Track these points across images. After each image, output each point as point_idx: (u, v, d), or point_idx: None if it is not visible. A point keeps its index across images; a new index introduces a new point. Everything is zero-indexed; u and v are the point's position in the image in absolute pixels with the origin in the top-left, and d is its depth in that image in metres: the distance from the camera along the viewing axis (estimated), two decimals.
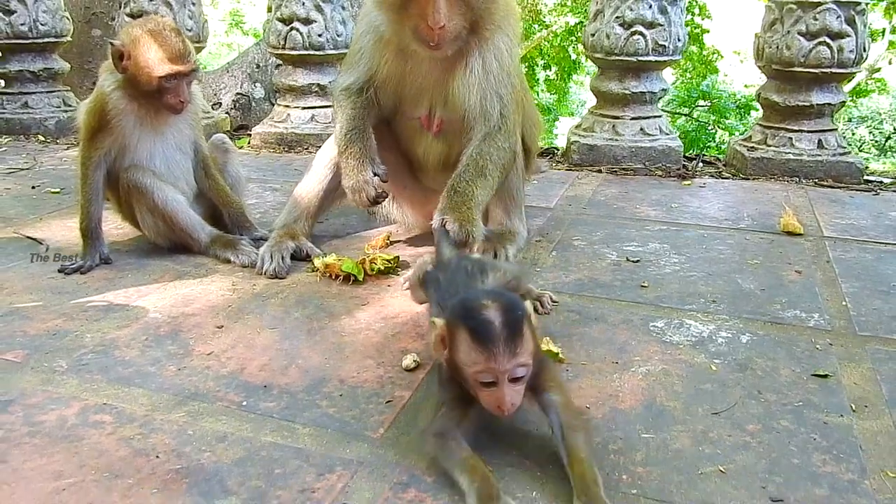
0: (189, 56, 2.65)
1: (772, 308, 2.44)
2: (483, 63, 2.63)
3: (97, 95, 2.71)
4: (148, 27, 2.61)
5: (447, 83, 2.68)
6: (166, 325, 2.28)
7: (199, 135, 2.94)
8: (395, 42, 2.66)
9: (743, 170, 4.28)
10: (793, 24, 4.08)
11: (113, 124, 2.68)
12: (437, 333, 1.66)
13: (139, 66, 2.59)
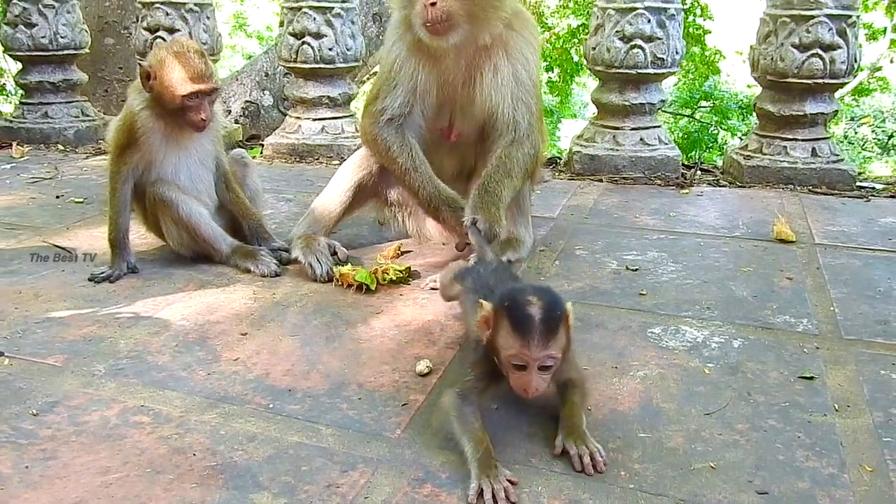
0: (211, 76, 2.82)
1: (763, 314, 2.59)
2: (512, 71, 2.81)
3: (126, 114, 2.88)
4: (173, 49, 2.79)
5: (473, 89, 2.84)
6: (194, 332, 2.44)
7: (221, 150, 3.10)
8: (424, 45, 2.79)
9: (739, 178, 4.42)
10: (786, 36, 4.22)
11: (141, 141, 2.84)
12: (483, 314, 1.86)
13: (164, 85, 2.76)
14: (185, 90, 2.76)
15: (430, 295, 2.74)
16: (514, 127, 2.84)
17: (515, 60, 2.82)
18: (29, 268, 2.98)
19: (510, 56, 2.82)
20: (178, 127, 2.87)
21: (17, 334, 2.40)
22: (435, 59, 2.83)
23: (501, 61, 2.80)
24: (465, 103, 2.86)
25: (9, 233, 3.41)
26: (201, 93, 2.79)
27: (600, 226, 3.59)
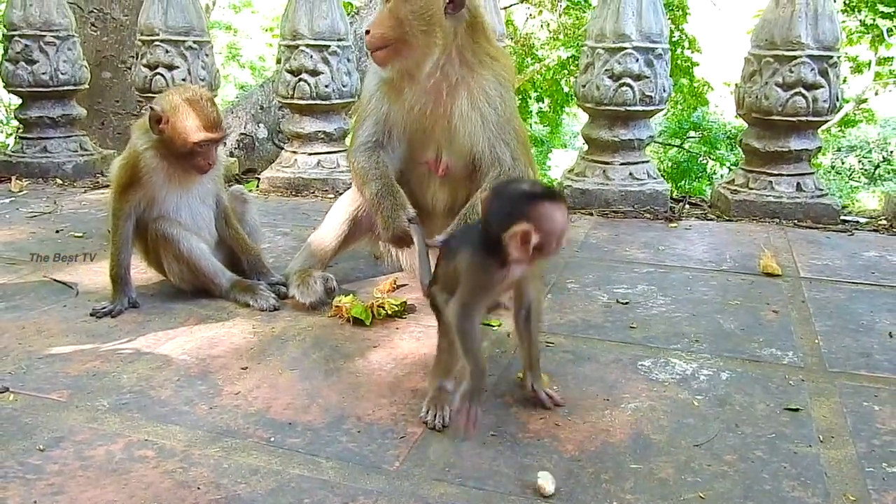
0: (221, 124, 2.92)
1: (750, 346, 2.67)
2: (480, 113, 2.88)
3: (131, 153, 2.96)
4: (186, 96, 2.87)
5: (449, 125, 2.92)
6: (196, 367, 2.49)
7: (221, 188, 3.18)
8: (390, 80, 2.93)
9: (727, 211, 4.53)
10: (770, 75, 4.36)
11: (144, 180, 2.92)
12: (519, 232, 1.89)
13: (176, 130, 2.84)
14: (197, 138, 2.85)
15: (425, 328, 2.81)
16: (498, 163, 2.91)
17: (481, 101, 2.88)
18: (31, 303, 3.03)
19: (473, 97, 2.88)
20: (182, 168, 2.95)
21: (21, 370, 2.45)
22: (397, 93, 2.95)
23: (465, 102, 2.88)
24: (446, 138, 2.95)
25: (10, 268, 3.46)
26: (212, 140, 2.89)
27: (591, 259, 3.68)
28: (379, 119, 3.01)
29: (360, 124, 3.07)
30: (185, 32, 5.18)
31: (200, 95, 2.90)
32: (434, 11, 2.79)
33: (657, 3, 4.52)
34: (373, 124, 3.02)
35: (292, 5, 5.04)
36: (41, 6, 5.34)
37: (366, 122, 3.04)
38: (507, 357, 2.57)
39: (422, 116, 2.94)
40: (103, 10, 7.90)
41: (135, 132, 2.99)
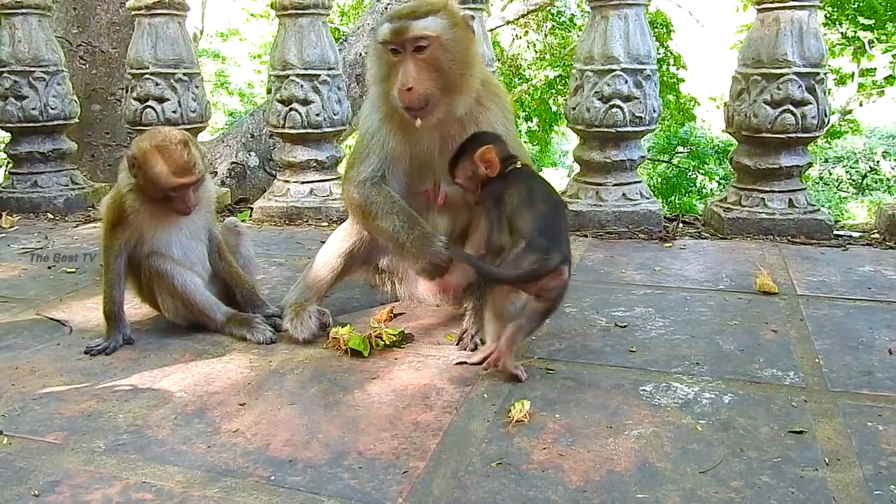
0: (194, 167, 2.82)
1: (751, 368, 2.65)
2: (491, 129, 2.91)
3: (115, 193, 2.94)
4: (156, 141, 2.79)
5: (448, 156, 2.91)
6: (192, 404, 2.46)
7: (213, 222, 3.16)
8: (396, 115, 2.89)
9: (720, 229, 4.54)
10: (758, 93, 4.39)
11: (130, 220, 2.89)
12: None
13: (147, 177, 2.79)
14: (168, 185, 2.78)
15: (424, 358, 2.79)
16: None
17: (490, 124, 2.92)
18: (24, 342, 3.00)
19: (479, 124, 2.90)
20: (167, 207, 2.91)
21: (14, 412, 2.41)
22: (406, 130, 2.93)
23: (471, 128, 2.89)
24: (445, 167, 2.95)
25: (2, 306, 3.43)
26: (184, 185, 2.82)
27: (587, 282, 3.67)
28: (385, 156, 2.97)
29: (363, 159, 3.01)
30: (175, 65, 5.19)
31: (171, 139, 2.80)
32: (472, 52, 2.83)
33: (644, 25, 4.56)
34: (378, 161, 2.98)
35: (281, 35, 5.06)
36: (30, 42, 5.34)
37: (370, 157, 2.99)
38: (505, 388, 2.54)
39: (429, 151, 2.94)
40: (92, 44, 7.92)
41: (121, 171, 2.95)
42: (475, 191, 2.77)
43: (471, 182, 2.76)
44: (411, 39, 2.68)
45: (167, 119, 5.19)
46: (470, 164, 2.73)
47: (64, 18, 7.82)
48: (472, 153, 2.71)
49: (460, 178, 2.78)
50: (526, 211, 2.56)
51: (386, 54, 2.78)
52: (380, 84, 2.89)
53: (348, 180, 3.07)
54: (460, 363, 2.71)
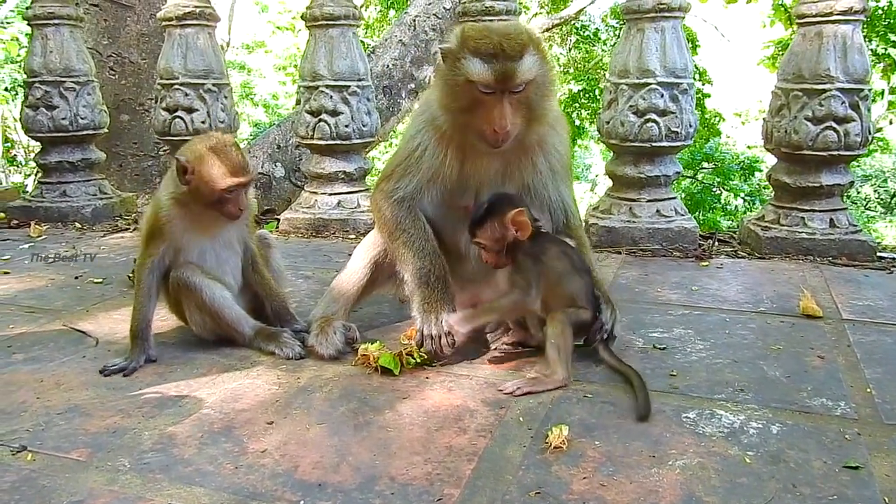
0: (248, 168, 2.85)
1: (798, 396, 2.53)
2: (549, 165, 2.90)
3: (153, 203, 2.93)
4: (210, 144, 2.81)
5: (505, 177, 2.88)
6: (219, 422, 2.39)
7: (250, 234, 3.12)
8: (457, 138, 2.83)
9: (758, 249, 4.41)
10: (799, 109, 4.27)
11: (165, 230, 2.86)
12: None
13: (203, 179, 2.78)
14: (224, 184, 2.78)
15: (456, 378, 2.70)
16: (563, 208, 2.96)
17: (551, 156, 2.91)
18: (50, 354, 2.96)
19: (547, 154, 2.90)
20: (207, 216, 2.88)
21: (39, 426, 2.35)
22: (464, 151, 2.85)
23: (541, 160, 2.89)
24: (496, 188, 2.88)
25: (29, 317, 3.40)
26: (240, 185, 2.82)
27: (623, 301, 3.56)
28: (429, 176, 2.90)
29: (403, 175, 2.94)
30: (204, 75, 5.18)
31: (224, 142, 2.84)
32: (554, 83, 2.80)
33: (681, 37, 4.47)
34: (419, 182, 2.91)
35: (311, 47, 5.03)
36: (61, 53, 5.37)
37: (411, 176, 2.92)
38: (541, 412, 2.45)
39: (481, 171, 2.87)
40: (122, 55, 7.96)
41: (162, 183, 2.95)
42: (499, 252, 2.70)
43: (497, 244, 2.69)
44: (514, 85, 2.60)
45: (196, 129, 5.17)
46: (499, 227, 2.66)
47: (95, 29, 7.87)
48: (501, 215, 2.65)
49: (485, 239, 2.69)
50: (575, 276, 2.74)
51: (473, 91, 2.63)
52: (455, 113, 2.73)
53: (382, 192, 3.00)
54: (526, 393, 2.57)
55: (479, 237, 2.70)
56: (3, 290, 3.80)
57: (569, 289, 2.73)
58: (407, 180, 2.93)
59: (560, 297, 2.71)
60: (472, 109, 2.67)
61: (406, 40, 8.34)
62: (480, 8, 4.62)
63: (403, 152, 2.99)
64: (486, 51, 2.58)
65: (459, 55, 2.64)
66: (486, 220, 2.67)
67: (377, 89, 8.09)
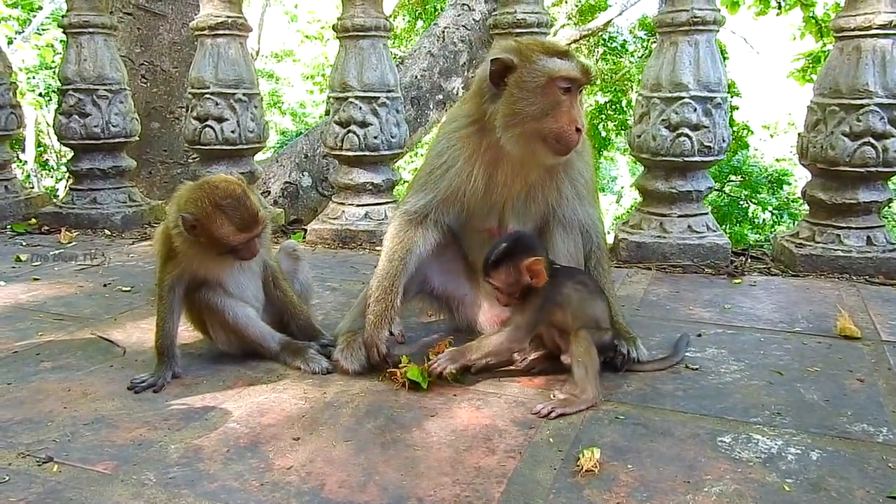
0: (258, 217, 2.73)
1: (838, 421, 2.45)
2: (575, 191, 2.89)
3: (164, 229, 2.85)
4: (216, 199, 2.66)
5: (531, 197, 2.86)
6: (245, 437, 2.36)
7: (269, 253, 3.07)
8: (489, 151, 2.80)
9: (792, 266, 4.32)
10: (836, 125, 4.18)
11: (179, 258, 2.81)
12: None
13: (213, 237, 2.69)
14: (236, 241, 2.70)
15: (484, 396, 2.66)
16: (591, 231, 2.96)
17: (576, 180, 2.90)
18: (78, 363, 2.96)
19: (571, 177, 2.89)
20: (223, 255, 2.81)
21: (66, 437, 2.35)
22: (496, 166, 2.82)
23: (567, 185, 2.88)
24: (520, 209, 2.86)
25: (58, 324, 3.41)
26: (252, 238, 2.75)
27: (653, 319, 3.50)
28: (447, 194, 2.87)
29: (421, 187, 2.93)
30: (235, 85, 5.21)
31: (231, 193, 2.68)
32: None
33: (715, 51, 4.40)
34: (434, 196, 2.89)
35: (342, 57, 5.03)
36: (95, 61, 5.43)
37: (426, 189, 2.91)
38: (571, 433, 2.39)
39: (509, 190, 2.85)
40: (154, 63, 8.06)
41: (171, 205, 2.83)
42: (511, 295, 2.68)
43: (511, 288, 2.67)
44: (591, 79, 2.70)
45: (225, 139, 5.19)
46: (514, 272, 2.63)
47: (128, 38, 7.97)
48: (518, 261, 2.62)
49: (499, 282, 2.67)
50: (595, 301, 2.75)
51: (554, 91, 2.61)
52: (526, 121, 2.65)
53: (399, 205, 3.04)
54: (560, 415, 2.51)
55: (493, 279, 2.68)
56: (33, 297, 3.83)
57: (590, 313, 2.71)
58: (421, 195, 2.92)
59: (583, 322, 2.68)
60: (548, 112, 2.63)
61: (435, 51, 8.35)
62: (511, 20, 4.59)
63: (426, 167, 2.97)
64: (559, 50, 2.68)
65: (532, 58, 2.64)
66: (501, 264, 2.64)
67: (405, 100, 8.09)
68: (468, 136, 2.84)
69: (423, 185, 2.93)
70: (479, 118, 2.80)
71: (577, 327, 2.66)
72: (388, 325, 2.86)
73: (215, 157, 5.24)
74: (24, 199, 5.84)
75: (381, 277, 2.92)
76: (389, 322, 2.87)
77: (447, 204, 2.90)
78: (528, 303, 2.68)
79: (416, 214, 2.93)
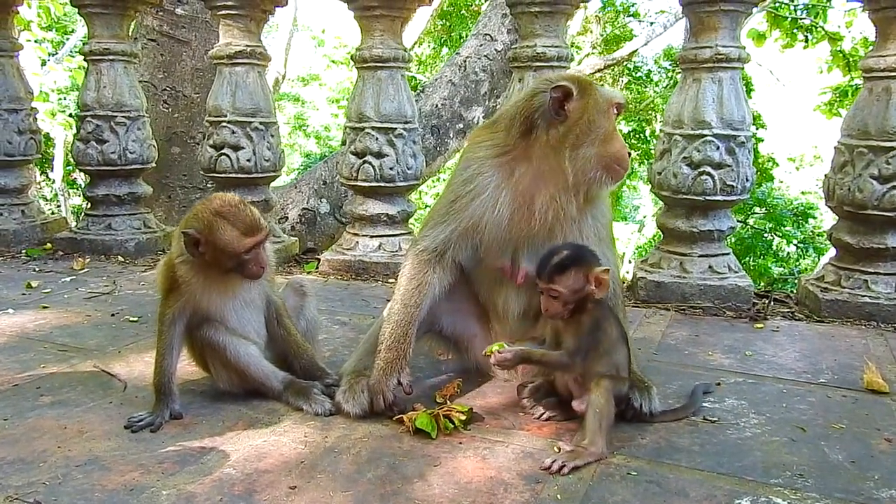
0: (261, 223, 2.72)
1: (865, 486, 2.31)
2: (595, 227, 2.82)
3: (167, 261, 2.82)
4: (214, 207, 2.67)
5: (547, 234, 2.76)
6: (240, 483, 2.28)
7: (272, 289, 3.00)
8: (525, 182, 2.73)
9: (817, 311, 4.17)
10: (864, 167, 4.06)
11: (182, 289, 2.75)
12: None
13: (217, 247, 2.65)
14: (243, 247, 2.66)
15: (491, 445, 2.55)
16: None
17: (597, 220, 2.82)
18: (77, 398, 2.90)
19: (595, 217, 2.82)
20: (223, 276, 2.77)
21: (56, 480, 2.27)
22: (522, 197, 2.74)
23: (586, 223, 2.79)
24: (536, 248, 2.76)
25: (61, 356, 3.36)
26: (258, 243, 2.71)
27: (671, 364, 3.38)
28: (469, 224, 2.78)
29: (440, 221, 2.85)
30: (252, 114, 5.18)
31: (228, 201, 2.69)
32: None
33: (739, 88, 4.30)
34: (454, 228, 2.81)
35: (359, 88, 5.00)
36: (114, 88, 5.44)
37: (446, 221, 2.83)
38: (580, 490, 2.28)
39: (527, 223, 2.76)
40: (176, 88, 8.11)
41: (174, 238, 2.82)
42: (566, 305, 2.56)
43: (573, 296, 2.55)
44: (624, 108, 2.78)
45: (241, 167, 5.17)
46: (582, 279, 2.54)
47: (151, 64, 8.04)
48: (587, 267, 2.55)
49: (564, 287, 2.53)
50: (622, 346, 2.66)
51: (611, 117, 2.69)
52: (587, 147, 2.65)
53: (417, 240, 2.95)
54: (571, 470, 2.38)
55: (556, 284, 2.54)
56: (40, 326, 3.79)
57: (615, 358, 2.61)
58: (441, 228, 2.83)
59: (606, 366, 2.58)
60: (608, 139, 2.68)
61: (456, 80, 8.32)
62: (531, 54, 4.53)
63: (449, 196, 2.87)
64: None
65: (593, 86, 2.71)
66: (569, 268, 2.54)
67: (425, 128, 8.07)
68: (501, 165, 2.76)
69: (444, 215, 2.84)
70: (513, 146, 2.74)
71: (599, 372, 2.56)
72: (397, 374, 2.77)
73: (231, 184, 5.21)
74: (41, 224, 5.85)
75: (395, 324, 2.83)
76: (399, 371, 2.77)
77: (465, 237, 2.81)
78: (579, 325, 2.58)
79: (434, 253, 2.84)
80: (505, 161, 2.76)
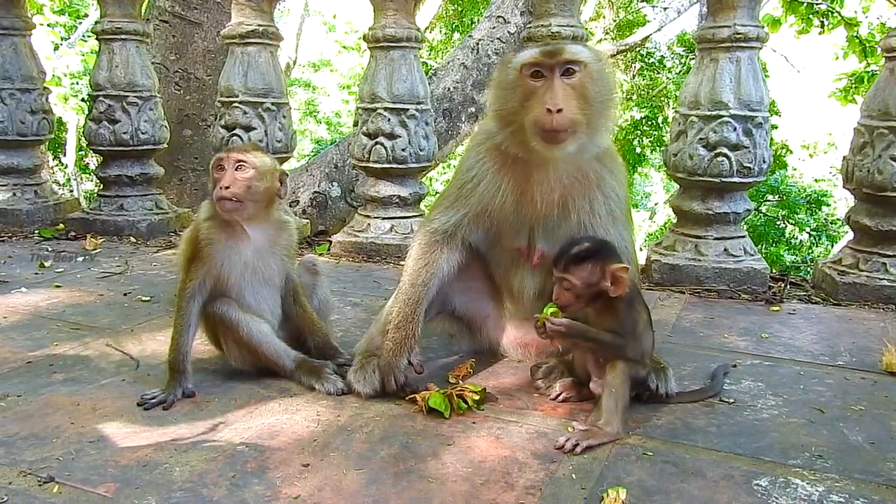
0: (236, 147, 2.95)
1: (885, 467, 2.28)
2: (608, 209, 2.75)
3: (192, 225, 2.86)
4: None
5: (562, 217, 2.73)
6: (253, 461, 2.27)
7: (291, 266, 3.00)
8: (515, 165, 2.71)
9: (833, 294, 4.12)
10: (885, 148, 3.99)
11: (204, 253, 2.76)
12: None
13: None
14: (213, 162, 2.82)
15: (505, 424, 2.53)
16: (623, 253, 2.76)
17: (610, 199, 2.76)
18: (90, 375, 2.90)
19: (606, 195, 2.75)
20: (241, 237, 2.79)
21: (69, 455, 2.27)
22: (520, 174, 2.71)
23: (600, 203, 2.74)
24: (551, 228, 2.73)
25: (74, 334, 3.36)
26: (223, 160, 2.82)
27: (686, 346, 3.34)
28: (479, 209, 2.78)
29: (450, 203, 2.84)
30: (264, 94, 5.16)
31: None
32: (615, 89, 2.71)
33: (757, 69, 4.23)
34: (464, 213, 2.80)
35: (372, 68, 4.96)
36: (126, 67, 5.43)
37: (456, 206, 2.82)
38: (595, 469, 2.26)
39: (543, 209, 2.73)
40: (188, 70, 8.09)
41: (200, 208, 2.89)
42: (580, 297, 2.52)
43: (587, 289, 2.51)
44: (563, 62, 2.52)
45: None
46: (598, 273, 2.49)
47: (163, 45, 8.02)
48: (604, 262, 2.50)
49: (579, 279, 2.49)
50: (650, 332, 2.64)
51: (524, 80, 2.56)
52: (509, 117, 2.64)
53: (425, 222, 2.94)
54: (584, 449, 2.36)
55: (571, 275, 2.50)
56: (53, 305, 3.79)
57: (644, 343, 2.59)
58: (451, 212, 2.83)
59: (633, 351, 2.55)
60: (523, 103, 2.57)
61: (468, 64, 8.26)
62: (546, 33, 4.47)
63: (456, 182, 2.88)
64: (540, 41, 2.78)
65: (510, 56, 2.67)
66: (586, 261, 2.50)
67: (437, 112, 8.01)
68: (494, 150, 2.76)
69: (454, 199, 2.84)
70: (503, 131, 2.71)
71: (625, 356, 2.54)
72: (407, 353, 2.75)
73: None
74: (53, 205, 5.85)
75: (403, 303, 2.81)
76: (409, 351, 2.75)
77: (477, 221, 2.81)
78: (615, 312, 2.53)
79: (444, 234, 2.84)
80: (501, 147, 2.73)
